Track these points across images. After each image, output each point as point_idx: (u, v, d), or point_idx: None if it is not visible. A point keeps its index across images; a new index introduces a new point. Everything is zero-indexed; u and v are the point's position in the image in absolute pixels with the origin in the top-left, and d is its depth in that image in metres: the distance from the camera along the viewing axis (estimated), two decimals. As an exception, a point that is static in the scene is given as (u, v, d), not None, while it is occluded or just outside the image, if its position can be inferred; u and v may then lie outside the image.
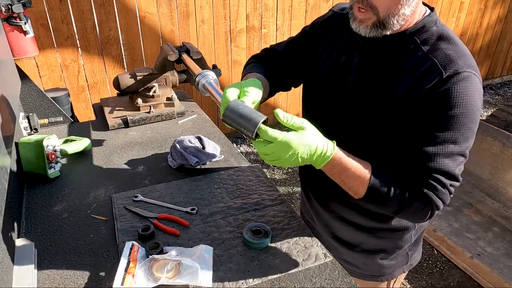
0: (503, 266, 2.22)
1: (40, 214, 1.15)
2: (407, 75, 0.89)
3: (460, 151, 0.87)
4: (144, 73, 1.67)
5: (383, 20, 0.87)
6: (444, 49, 0.87)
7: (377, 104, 0.94)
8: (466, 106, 0.83)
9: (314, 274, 0.93)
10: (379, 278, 1.20)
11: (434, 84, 0.84)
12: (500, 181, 2.66)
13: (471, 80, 0.84)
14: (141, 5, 2.88)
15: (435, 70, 0.85)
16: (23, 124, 1.48)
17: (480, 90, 0.86)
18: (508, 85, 5.08)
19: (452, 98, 0.83)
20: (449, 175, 0.88)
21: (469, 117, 0.84)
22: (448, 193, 0.89)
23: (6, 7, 1.39)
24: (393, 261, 1.17)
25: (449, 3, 4.14)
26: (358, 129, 1.00)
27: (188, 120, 1.72)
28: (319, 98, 1.11)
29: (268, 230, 1.03)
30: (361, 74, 0.98)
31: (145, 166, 1.38)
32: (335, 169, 0.89)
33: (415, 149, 0.89)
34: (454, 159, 0.87)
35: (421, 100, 0.86)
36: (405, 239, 1.14)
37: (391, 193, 0.90)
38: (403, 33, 0.91)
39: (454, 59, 0.85)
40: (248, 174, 1.32)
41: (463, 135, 0.86)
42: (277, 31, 3.47)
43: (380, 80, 0.94)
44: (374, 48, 0.96)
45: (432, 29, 0.91)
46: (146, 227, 1.04)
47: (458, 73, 0.83)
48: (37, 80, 2.76)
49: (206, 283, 0.89)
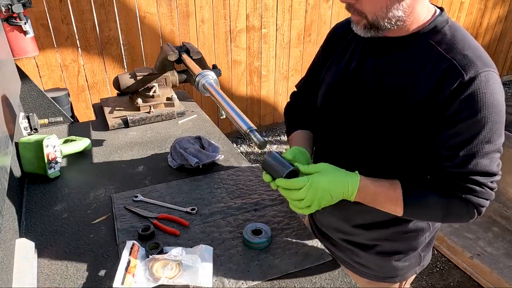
0: (503, 266, 2.22)
1: (40, 214, 1.15)
2: (425, 76, 0.87)
3: (495, 148, 0.87)
4: (144, 73, 1.67)
5: (373, 22, 0.88)
6: (461, 49, 0.86)
7: (395, 109, 0.92)
8: (493, 105, 0.83)
9: (314, 274, 0.93)
10: (392, 279, 1.19)
11: (456, 87, 0.83)
12: (500, 181, 2.65)
13: (492, 78, 0.83)
14: (141, 5, 2.88)
15: (456, 73, 0.84)
16: (23, 124, 1.48)
17: (501, 86, 0.86)
18: (508, 85, 5.08)
19: (478, 100, 0.82)
20: (488, 174, 0.88)
21: (498, 113, 0.84)
22: (490, 189, 0.89)
23: (6, 7, 1.39)
24: (407, 262, 1.16)
25: (449, 3, 4.14)
26: (374, 138, 0.97)
27: (188, 120, 1.72)
28: (332, 108, 1.08)
29: (268, 230, 1.03)
30: (375, 79, 0.96)
31: (145, 166, 1.38)
32: (367, 197, 0.93)
33: (447, 155, 0.88)
34: (491, 157, 0.87)
35: (445, 104, 0.85)
36: (420, 241, 1.13)
37: (429, 204, 0.91)
38: (415, 34, 0.90)
39: (472, 60, 0.84)
40: (248, 174, 1.32)
41: (496, 133, 0.85)
42: (277, 31, 3.47)
43: (396, 83, 0.92)
44: (387, 51, 0.95)
45: (444, 29, 0.89)
46: (146, 227, 1.04)
47: (479, 73, 0.82)
48: (37, 80, 2.76)
49: (206, 283, 0.89)
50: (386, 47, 0.94)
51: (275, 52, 3.57)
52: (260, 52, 3.51)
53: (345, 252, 1.20)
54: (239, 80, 3.55)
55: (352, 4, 0.89)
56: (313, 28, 3.61)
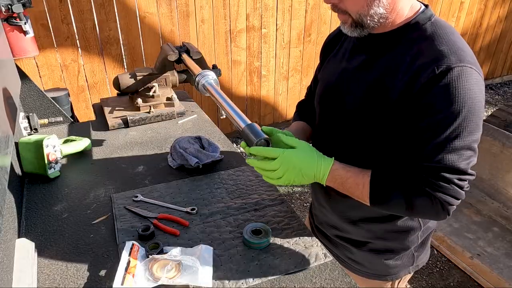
0: (503, 266, 2.22)
1: (40, 214, 1.15)
2: (403, 71, 0.89)
3: (465, 145, 0.85)
4: (144, 73, 1.67)
5: (357, 20, 0.91)
6: (438, 44, 0.87)
7: (374, 106, 0.95)
8: (464, 100, 0.82)
9: (314, 274, 0.93)
10: (384, 277, 1.20)
11: (428, 82, 0.84)
12: (500, 181, 2.66)
13: (466, 74, 0.83)
14: (141, 5, 2.88)
15: (429, 66, 0.85)
16: (23, 124, 1.48)
17: (479, 82, 0.84)
18: (508, 85, 5.08)
19: (449, 94, 0.82)
20: (453, 170, 0.86)
21: (470, 110, 0.83)
22: (458, 187, 0.88)
23: (6, 7, 1.39)
24: (399, 261, 1.17)
25: (449, 3, 4.14)
26: (356, 132, 1.01)
27: (188, 120, 1.72)
28: (321, 106, 1.15)
29: (268, 230, 1.03)
30: (359, 76, 0.99)
31: (145, 166, 1.38)
32: (337, 181, 0.95)
33: (417, 148, 0.89)
34: (459, 154, 0.86)
35: (418, 97, 0.86)
36: (411, 240, 1.13)
37: (392, 195, 0.91)
38: (396, 31, 0.93)
39: (446, 55, 0.84)
40: (248, 174, 1.32)
41: (466, 129, 0.84)
42: (277, 31, 3.47)
43: (375, 81, 0.94)
44: (371, 48, 0.98)
45: (426, 25, 0.91)
46: (146, 227, 1.04)
47: (451, 68, 0.82)
48: (37, 80, 2.76)
49: (206, 283, 0.89)
50: (370, 44, 0.98)
51: (275, 52, 3.57)
52: (260, 52, 3.51)
53: (339, 248, 1.23)
54: (239, 80, 3.55)
55: (336, 4, 0.92)
56: (313, 28, 3.61)
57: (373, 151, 0.99)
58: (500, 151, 2.59)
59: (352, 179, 0.94)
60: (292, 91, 3.83)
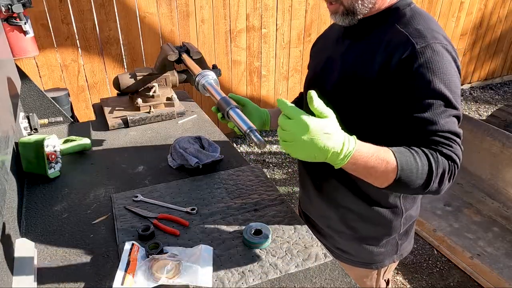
0: (503, 266, 2.22)
1: (40, 214, 1.15)
2: (380, 52, 0.95)
3: (452, 113, 0.90)
4: (144, 73, 1.67)
5: (349, 7, 0.98)
6: (415, 24, 0.95)
7: (352, 85, 0.99)
8: (444, 74, 0.89)
9: (314, 274, 0.93)
10: (370, 265, 1.25)
11: (406, 58, 0.90)
12: (500, 181, 2.66)
13: (442, 50, 0.90)
14: (141, 5, 2.88)
15: (407, 43, 0.91)
16: (23, 124, 1.48)
17: (455, 59, 0.92)
18: (508, 85, 5.08)
19: (430, 68, 0.88)
20: (455, 133, 0.90)
21: (451, 80, 0.89)
22: (459, 148, 0.90)
23: (6, 7, 1.39)
24: (383, 248, 1.22)
25: (449, 3, 4.14)
26: (339, 114, 0.96)
27: (188, 120, 1.72)
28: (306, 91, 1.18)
29: (268, 230, 1.03)
30: (341, 60, 1.06)
31: (145, 166, 1.38)
32: (359, 161, 0.82)
33: (413, 119, 0.91)
34: (450, 117, 0.89)
35: (396, 75, 0.91)
36: (393, 227, 1.17)
37: (418, 167, 0.86)
38: (378, 14, 1.00)
39: (424, 33, 0.92)
40: (248, 174, 1.32)
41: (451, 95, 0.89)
42: (277, 31, 3.48)
43: (357, 61, 1.01)
44: (354, 33, 1.05)
45: (405, 10, 0.99)
46: (146, 227, 1.04)
47: (429, 44, 0.89)
48: (37, 80, 2.76)
49: (206, 283, 0.89)
50: (354, 29, 1.04)
51: (275, 52, 3.57)
52: (260, 52, 3.51)
53: (327, 238, 1.27)
54: (239, 80, 3.55)
55: None
56: (313, 28, 3.61)
57: (357, 133, 0.99)
58: (500, 151, 2.59)
59: (375, 156, 0.83)
60: (292, 91, 3.83)
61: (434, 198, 2.79)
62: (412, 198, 1.16)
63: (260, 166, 1.36)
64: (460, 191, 2.83)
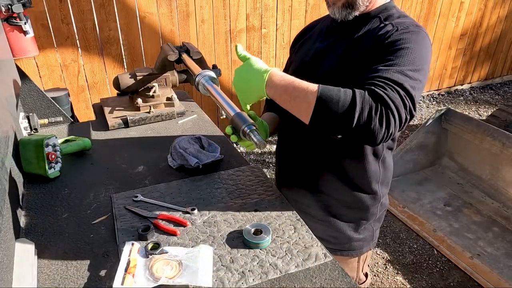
0: (503, 266, 2.22)
1: (40, 214, 1.15)
2: (370, 44, 1.04)
3: (413, 76, 0.92)
4: (144, 73, 1.67)
5: (351, 1, 1.05)
6: (398, 17, 1.08)
7: (345, 70, 1.06)
8: (416, 45, 0.97)
9: (314, 274, 0.93)
10: (349, 252, 1.30)
11: (388, 35, 1.01)
12: (500, 181, 2.66)
13: (422, 35, 1.01)
14: (141, 5, 2.88)
15: (390, 28, 1.03)
16: (23, 124, 1.48)
17: (429, 44, 1.02)
18: (508, 85, 5.08)
19: (403, 38, 0.98)
20: (397, 83, 0.89)
21: (420, 54, 0.96)
22: (399, 98, 0.87)
23: (6, 7, 1.39)
24: (361, 235, 1.29)
25: (449, 3, 4.14)
26: None
27: (188, 120, 1.72)
28: None
29: (268, 230, 1.03)
30: (331, 50, 1.13)
31: (145, 166, 1.38)
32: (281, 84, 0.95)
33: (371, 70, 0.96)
34: (405, 75, 0.91)
35: (378, 50, 1.00)
36: (371, 212, 1.26)
37: (341, 93, 0.87)
38: (368, 13, 1.10)
39: (405, 23, 1.04)
40: (248, 174, 1.32)
41: (414, 64, 0.94)
42: (277, 31, 3.48)
43: (348, 52, 1.08)
44: (343, 29, 1.13)
45: (392, 11, 1.10)
46: (146, 227, 1.04)
47: (409, 29, 1.01)
48: (37, 80, 2.76)
49: (206, 283, 0.89)
50: (343, 26, 1.12)
51: (275, 52, 3.57)
52: (260, 52, 3.51)
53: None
54: (239, 80, 3.55)
55: None
56: (313, 28, 3.61)
57: None
58: (500, 151, 2.59)
59: (298, 81, 0.94)
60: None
61: (434, 198, 2.79)
62: (386, 184, 1.27)
63: (260, 166, 1.36)
64: (460, 191, 2.83)
